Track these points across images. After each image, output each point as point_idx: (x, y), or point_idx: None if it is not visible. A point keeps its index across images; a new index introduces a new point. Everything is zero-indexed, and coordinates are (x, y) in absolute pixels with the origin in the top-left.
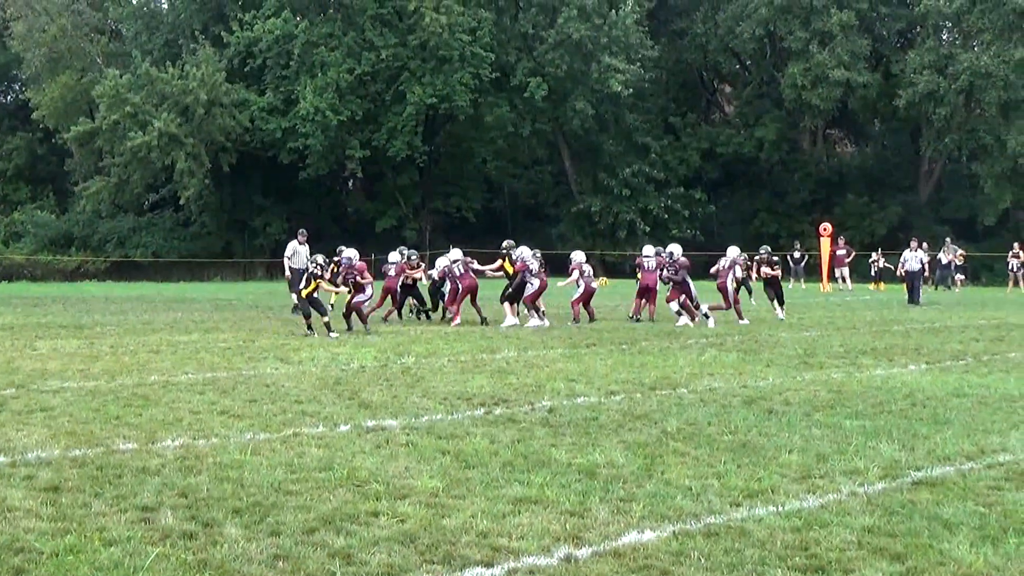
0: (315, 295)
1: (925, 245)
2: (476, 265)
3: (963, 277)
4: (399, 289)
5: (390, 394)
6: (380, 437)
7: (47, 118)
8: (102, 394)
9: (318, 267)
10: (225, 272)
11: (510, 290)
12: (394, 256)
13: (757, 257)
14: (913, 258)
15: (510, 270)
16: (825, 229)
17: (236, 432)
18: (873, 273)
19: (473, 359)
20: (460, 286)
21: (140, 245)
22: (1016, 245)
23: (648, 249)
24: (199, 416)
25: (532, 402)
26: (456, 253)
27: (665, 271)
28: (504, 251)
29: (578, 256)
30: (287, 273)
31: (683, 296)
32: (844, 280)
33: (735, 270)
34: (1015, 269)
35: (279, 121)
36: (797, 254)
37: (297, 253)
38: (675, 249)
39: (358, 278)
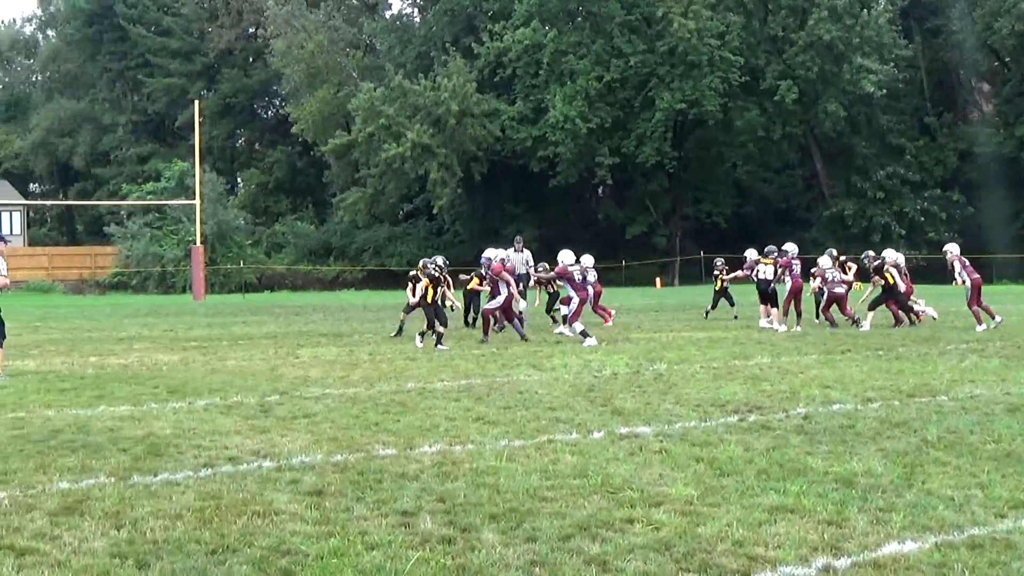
0: (437, 302)
1: None
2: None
3: None
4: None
5: (643, 401)
6: (633, 444)
7: (305, 132)
8: (361, 401)
9: (437, 268)
10: None
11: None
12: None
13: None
14: None
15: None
16: None
17: (491, 438)
18: None
19: (726, 365)
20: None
21: (395, 254)
22: None
23: (892, 254)
24: (455, 422)
25: (787, 409)
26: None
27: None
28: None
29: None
30: None
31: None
32: None
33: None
34: None
35: (529, 130)
36: None
37: (511, 260)
38: (563, 256)
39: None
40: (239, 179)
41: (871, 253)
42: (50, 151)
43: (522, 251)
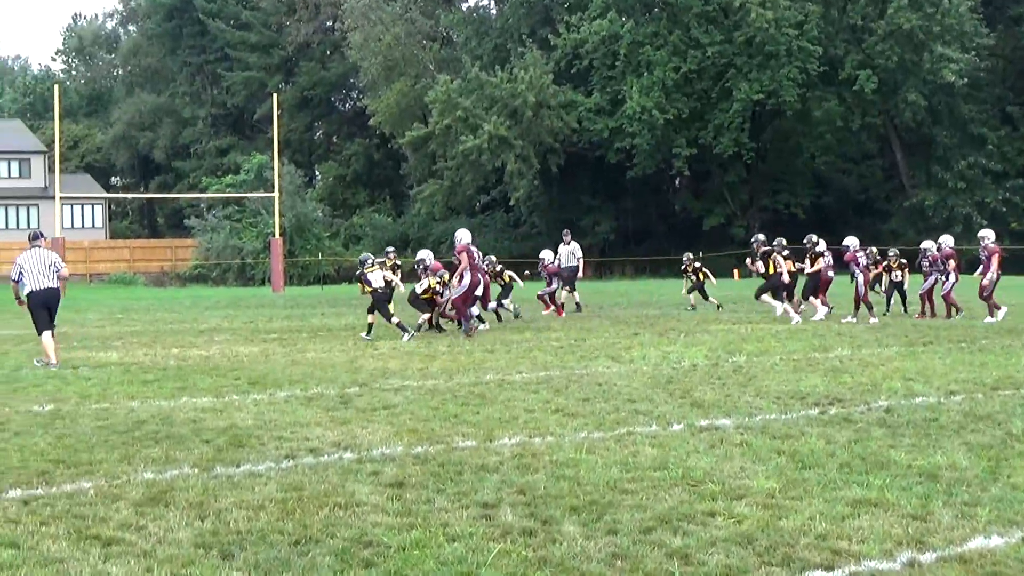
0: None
1: None
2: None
3: None
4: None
5: (722, 393)
6: (714, 436)
7: (383, 124)
8: (441, 392)
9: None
10: None
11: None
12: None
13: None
14: None
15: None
16: None
17: (571, 430)
18: None
19: (806, 357)
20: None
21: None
22: None
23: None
24: (534, 414)
25: (868, 402)
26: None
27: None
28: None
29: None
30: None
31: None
32: None
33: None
34: None
35: (606, 121)
36: None
37: (561, 253)
38: (460, 233)
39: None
40: (317, 171)
41: (760, 237)
42: (131, 145)
43: (569, 243)
